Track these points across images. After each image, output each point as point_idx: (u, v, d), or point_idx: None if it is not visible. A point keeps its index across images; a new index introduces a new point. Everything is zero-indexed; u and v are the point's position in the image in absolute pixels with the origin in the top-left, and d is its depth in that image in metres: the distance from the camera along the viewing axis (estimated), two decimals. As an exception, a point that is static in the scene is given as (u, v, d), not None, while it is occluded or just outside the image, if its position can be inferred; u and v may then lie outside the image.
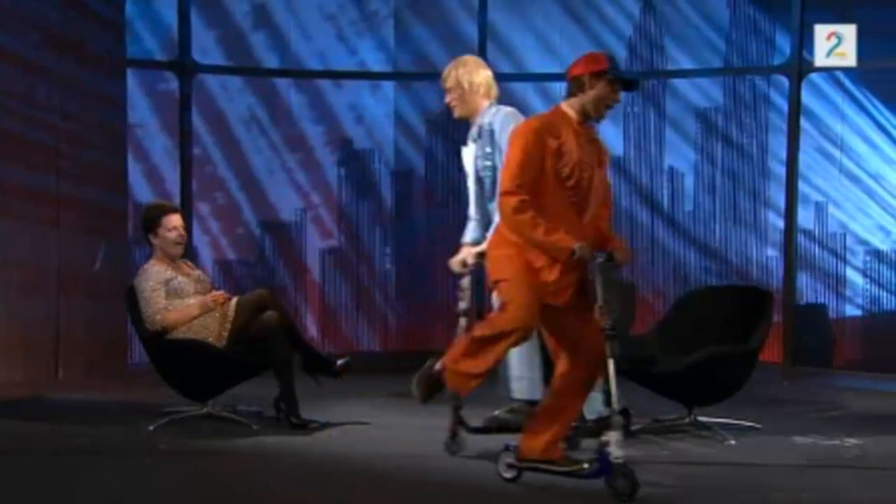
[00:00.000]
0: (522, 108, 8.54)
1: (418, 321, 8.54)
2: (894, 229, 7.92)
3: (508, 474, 4.42)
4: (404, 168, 8.57)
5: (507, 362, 5.13)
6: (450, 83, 5.33)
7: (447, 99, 5.38)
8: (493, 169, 5.19)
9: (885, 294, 7.96)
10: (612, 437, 4.11)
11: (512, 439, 4.52)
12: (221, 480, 4.61)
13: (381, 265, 8.56)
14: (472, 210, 5.39)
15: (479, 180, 5.31)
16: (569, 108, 4.32)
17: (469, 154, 5.37)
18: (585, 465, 4.23)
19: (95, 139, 7.24)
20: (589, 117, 4.33)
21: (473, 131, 5.35)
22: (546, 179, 4.20)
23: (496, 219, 4.83)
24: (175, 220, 5.76)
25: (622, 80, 4.37)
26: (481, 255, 4.98)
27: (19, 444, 5.28)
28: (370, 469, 4.80)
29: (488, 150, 5.23)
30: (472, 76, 5.29)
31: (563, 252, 4.17)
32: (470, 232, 5.40)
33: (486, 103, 5.32)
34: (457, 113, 5.38)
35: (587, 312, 4.22)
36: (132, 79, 7.77)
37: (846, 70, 8.08)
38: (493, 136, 5.21)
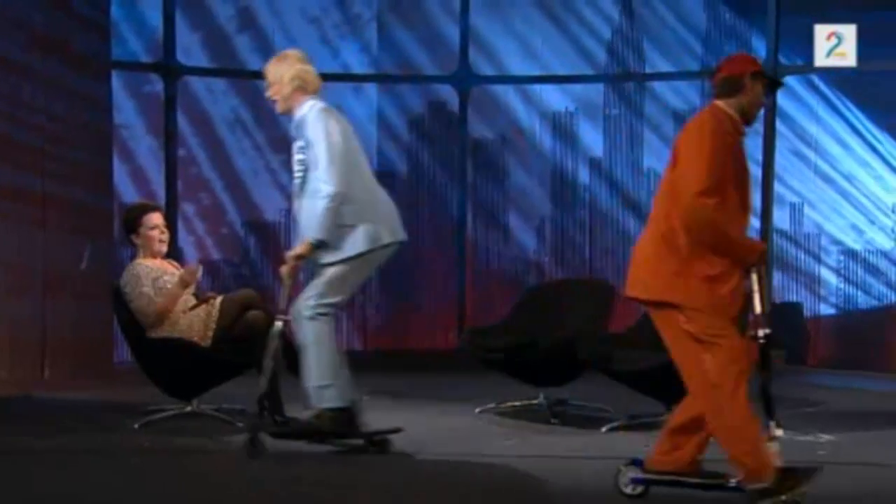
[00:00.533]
0: (503, 109, 8.64)
1: (399, 320, 8.56)
2: (867, 229, 7.98)
3: (630, 489, 4.13)
4: (386, 169, 8.58)
5: (308, 373, 4.89)
6: (270, 78, 5.09)
7: (267, 94, 5.13)
8: (305, 166, 4.92)
9: (858, 293, 8.03)
10: (774, 447, 3.93)
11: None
12: (207, 478, 4.61)
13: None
14: (296, 206, 5.05)
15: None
16: (728, 107, 4.06)
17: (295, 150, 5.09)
18: (732, 481, 3.98)
19: (81, 140, 7.21)
20: (746, 117, 4.10)
21: (292, 126, 5.10)
22: (726, 180, 3.95)
23: (315, 226, 4.69)
24: (156, 218, 5.76)
25: (772, 80, 4.25)
26: (299, 258, 4.84)
27: (5, 443, 5.27)
28: (353, 464, 4.81)
29: (301, 144, 4.98)
30: (288, 71, 5.06)
31: (754, 253, 3.95)
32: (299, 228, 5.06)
33: (303, 98, 5.06)
34: (279, 108, 5.13)
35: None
36: (117, 80, 7.76)
37: (819, 73, 8.15)
38: (305, 131, 4.94)
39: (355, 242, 4.83)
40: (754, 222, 8.23)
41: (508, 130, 8.63)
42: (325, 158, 4.82)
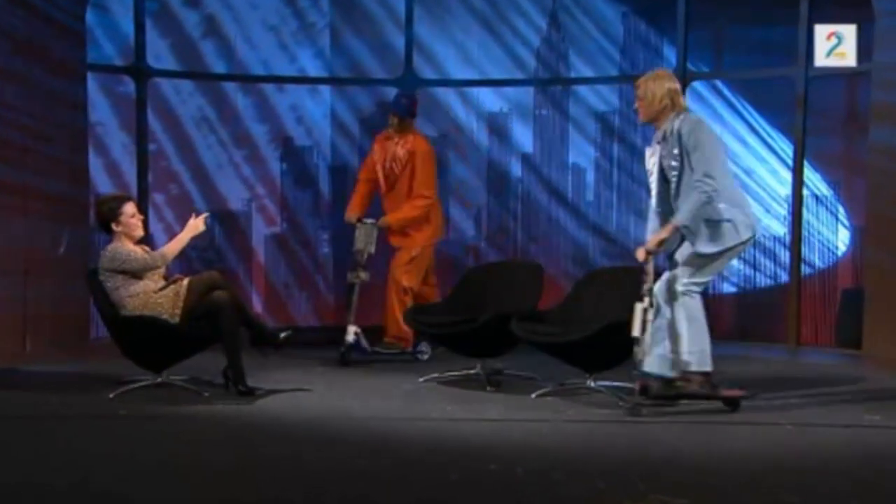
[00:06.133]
0: (444, 110, 8.62)
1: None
2: (764, 217, 8.10)
3: None
4: (340, 163, 8.53)
5: (681, 341, 5.01)
6: (639, 92, 5.15)
7: (635, 105, 5.20)
8: (680, 169, 5.04)
9: (755, 273, 8.15)
10: None
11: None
12: (176, 442, 4.57)
13: (319, 249, 8.52)
14: (655, 203, 5.21)
15: (667, 179, 5.11)
16: None
17: (653, 154, 5.18)
18: None
19: (59, 137, 7.11)
20: None
21: (658, 135, 5.15)
22: None
23: (682, 212, 4.89)
24: (132, 206, 5.72)
25: None
26: (660, 243, 5.03)
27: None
28: (314, 430, 4.80)
29: (675, 151, 5.04)
30: (659, 88, 5.09)
31: None
32: (650, 223, 5.29)
33: (671, 112, 5.10)
34: (641, 118, 5.22)
35: None
36: (92, 82, 7.63)
37: (723, 79, 8.25)
38: (681, 140, 5.01)
39: (728, 236, 4.99)
40: (666, 211, 8.31)
41: (449, 129, 8.62)
42: (703, 163, 4.93)
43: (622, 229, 8.47)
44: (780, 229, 8.03)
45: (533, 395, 5.59)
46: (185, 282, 5.58)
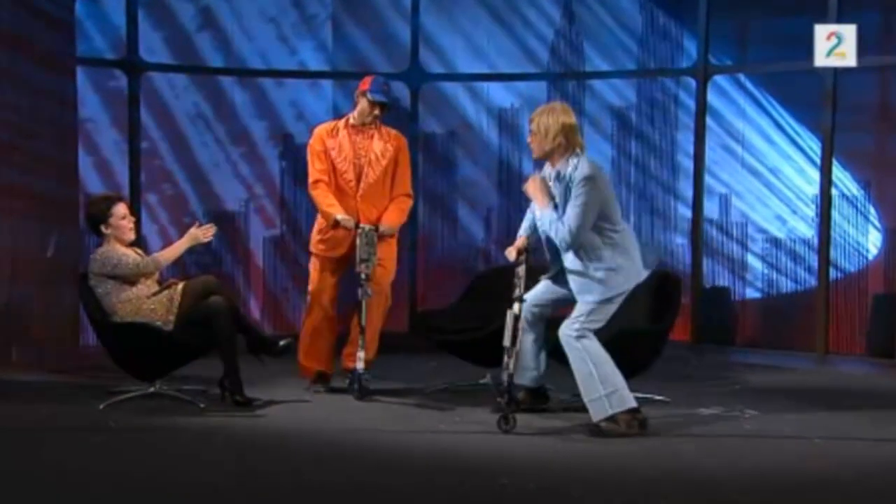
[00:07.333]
0: (452, 105, 8.61)
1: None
2: (790, 219, 8.07)
3: None
4: (342, 161, 8.52)
5: (593, 383, 4.97)
6: (532, 126, 5.09)
7: (528, 139, 5.14)
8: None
9: (781, 278, 8.12)
10: None
11: None
12: (169, 457, 4.56)
13: (321, 252, 8.51)
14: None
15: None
16: None
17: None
18: None
19: (47, 133, 7.10)
20: None
21: (551, 172, 5.11)
22: None
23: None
24: (123, 208, 5.71)
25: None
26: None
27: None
28: (312, 443, 4.79)
29: (566, 195, 5.04)
30: (554, 122, 5.03)
31: None
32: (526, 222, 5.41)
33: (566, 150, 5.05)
34: (534, 154, 5.14)
35: None
36: (83, 76, 7.64)
37: (747, 73, 8.22)
38: (570, 186, 5.01)
39: (611, 283, 4.95)
40: (686, 212, 8.31)
41: (457, 125, 8.62)
42: (576, 217, 4.92)
43: (641, 232, 8.45)
44: (808, 231, 8.00)
45: (545, 406, 5.56)
46: (180, 287, 5.57)
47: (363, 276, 5.77)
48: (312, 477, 4.21)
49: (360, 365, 5.76)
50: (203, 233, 5.74)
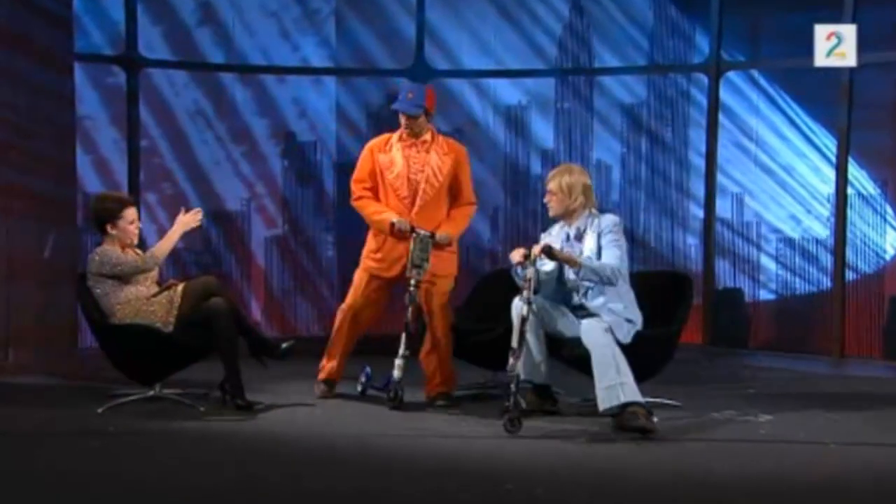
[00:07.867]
0: (458, 102, 8.62)
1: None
2: (804, 218, 8.05)
3: None
4: (346, 160, 8.53)
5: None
6: (552, 186, 5.47)
7: (545, 199, 5.52)
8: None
9: (795, 279, 8.10)
10: None
11: None
12: (169, 461, 4.56)
13: (323, 252, 8.53)
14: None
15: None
16: None
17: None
18: None
19: (45, 131, 7.11)
20: None
21: (570, 231, 5.47)
22: None
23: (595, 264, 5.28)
24: (134, 213, 5.71)
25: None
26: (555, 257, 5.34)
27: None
28: (315, 448, 4.79)
29: (594, 247, 5.40)
30: (577, 182, 5.44)
31: None
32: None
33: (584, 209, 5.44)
34: (553, 212, 5.49)
35: None
36: (81, 73, 7.65)
37: (761, 70, 8.21)
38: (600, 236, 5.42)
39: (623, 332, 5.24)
40: (698, 211, 8.30)
41: (463, 123, 8.61)
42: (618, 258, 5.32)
43: (651, 231, 8.44)
44: (823, 231, 7.98)
45: (553, 408, 5.56)
46: (180, 288, 5.57)
47: (413, 281, 5.68)
48: (314, 482, 4.20)
49: (397, 373, 5.65)
50: (192, 217, 5.75)
